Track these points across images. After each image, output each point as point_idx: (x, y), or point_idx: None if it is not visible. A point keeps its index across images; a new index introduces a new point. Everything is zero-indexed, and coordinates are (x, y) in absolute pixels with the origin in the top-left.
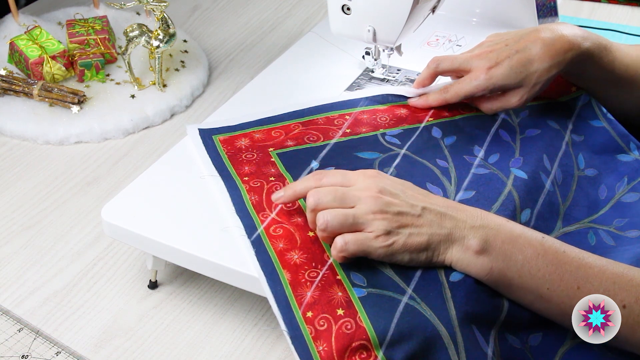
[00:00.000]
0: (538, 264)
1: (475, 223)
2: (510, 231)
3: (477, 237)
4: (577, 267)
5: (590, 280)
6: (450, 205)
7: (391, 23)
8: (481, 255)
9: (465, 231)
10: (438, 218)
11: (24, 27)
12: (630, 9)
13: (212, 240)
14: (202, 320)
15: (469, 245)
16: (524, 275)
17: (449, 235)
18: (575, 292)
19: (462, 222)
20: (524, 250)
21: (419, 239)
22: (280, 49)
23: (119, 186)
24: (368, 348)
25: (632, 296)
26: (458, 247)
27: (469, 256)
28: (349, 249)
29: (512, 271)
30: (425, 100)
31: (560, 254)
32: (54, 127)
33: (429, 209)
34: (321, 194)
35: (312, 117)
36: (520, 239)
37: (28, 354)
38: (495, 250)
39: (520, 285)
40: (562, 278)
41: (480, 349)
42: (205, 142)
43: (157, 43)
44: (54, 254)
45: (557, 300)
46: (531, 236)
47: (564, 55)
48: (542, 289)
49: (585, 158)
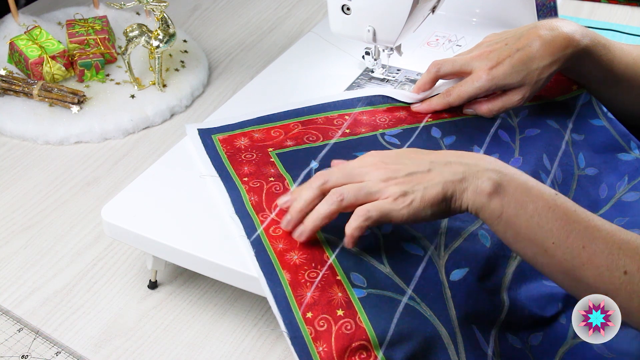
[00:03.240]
0: (548, 216)
1: (488, 166)
2: (524, 181)
3: (490, 180)
4: (586, 227)
5: (596, 242)
6: (459, 154)
7: (391, 23)
8: (494, 197)
9: (479, 174)
10: (448, 167)
11: (23, 27)
12: (630, 9)
13: (212, 240)
14: (202, 320)
15: (482, 187)
16: (532, 225)
17: (463, 179)
18: (580, 250)
19: (474, 166)
20: (535, 201)
21: (435, 190)
22: (280, 49)
23: (119, 186)
24: (368, 348)
25: (635, 264)
26: (472, 191)
27: (482, 199)
28: (372, 216)
29: (522, 219)
30: (429, 105)
31: (570, 212)
32: (53, 127)
33: (436, 161)
34: (328, 172)
35: (312, 117)
36: (534, 190)
37: (28, 354)
38: (508, 195)
39: (526, 236)
40: (569, 235)
41: (480, 349)
42: (204, 142)
43: (157, 43)
44: (54, 254)
45: (560, 256)
46: (545, 190)
47: (563, 52)
48: (547, 243)
49: (586, 157)
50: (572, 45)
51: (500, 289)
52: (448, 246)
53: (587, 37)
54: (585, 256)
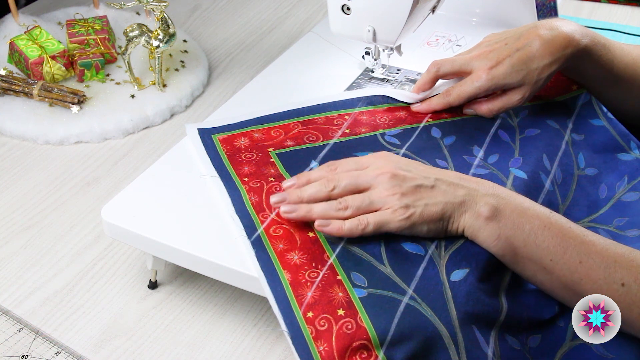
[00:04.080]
0: (544, 235)
1: (487, 192)
2: (520, 203)
3: (488, 204)
4: (581, 242)
5: (592, 256)
6: (461, 176)
7: (391, 23)
8: (491, 221)
9: (477, 198)
10: (451, 188)
11: (24, 27)
12: (630, 9)
13: (212, 240)
14: (202, 320)
15: (480, 212)
16: (529, 244)
17: (462, 203)
18: (577, 266)
19: (474, 191)
20: (531, 221)
21: (435, 209)
22: (280, 49)
23: (119, 186)
24: (369, 348)
25: (632, 275)
26: (470, 214)
27: (480, 222)
28: (370, 228)
29: (519, 240)
30: (429, 105)
31: (565, 229)
32: (54, 127)
33: (441, 179)
34: (337, 178)
35: (312, 117)
36: (529, 211)
37: (28, 354)
38: (505, 218)
39: (525, 255)
40: (566, 251)
41: (480, 350)
42: (204, 142)
43: (157, 43)
44: (54, 254)
45: (559, 272)
46: (539, 210)
47: (563, 51)
48: (545, 260)
49: (586, 157)
50: (572, 45)
51: (499, 291)
52: (449, 246)
53: (586, 36)
54: (582, 271)
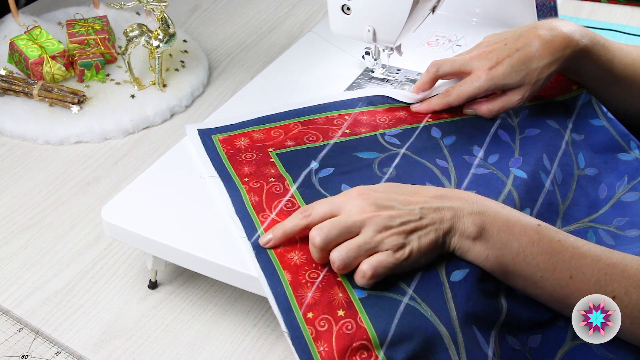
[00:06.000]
0: (533, 251)
1: (472, 209)
2: (506, 219)
3: (474, 224)
4: (571, 256)
5: (582, 271)
6: (441, 194)
7: (391, 23)
8: (478, 241)
9: (464, 219)
10: (437, 214)
11: (24, 27)
12: (630, 9)
13: (212, 240)
14: (202, 320)
15: (468, 232)
16: (518, 262)
17: (450, 227)
18: (567, 281)
19: (460, 210)
20: (519, 238)
21: (428, 239)
22: (280, 49)
23: (119, 186)
24: (369, 348)
25: (622, 288)
26: (458, 236)
27: (468, 243)
28: (378, 273)
29: (508, 258)
30: (428, 105)
31: (554, 243)
32: (54, 127)
33: (425, 207)
34: (325, 231)
35: (312, 117)
36: (517, 227)
37: (28, 354)
38: (492, 237)
39: (515, 272)
40: (556, 267)
41: (480, 350)
42: (204, 142)
43: (157, 43)
44: (54, 254)
45: (550, 288)
46: (527, 223)
47: (562, 52)
48: (536, 277)
49: (586, 157)
50: (572, 45)
51: (499, 291)
52: None
53: (586, 37)
54: (573, 285)
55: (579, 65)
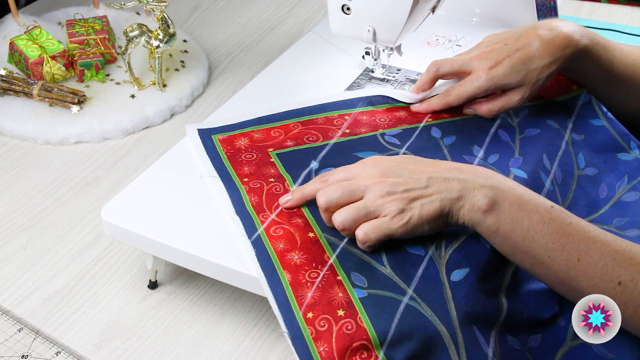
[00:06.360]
0: (543, 231)
1: (484, 182)
2: (519, 196)
3: (485, 197)
4: (580, 239)
5: (590, 254)
6: (455, 167)
7: (391, 23)
8: (489, 214)
9: (475, 191)
10: (445, 183)
11: (24, 27)
12: (630, 9)
13: (212, 240)
14: (202, 320)
15: (478, 205)
16: (527, 240)
17: (459, 197)
18: (575, 263)
19: (471, 182)
20: (531, 216)
21: (432, 207)
22: (280, 49)
23: (119, 186)
24: (369, 348)
25: (629, 274)
26: (468, 207)
27: (478, 215)
28: (370, 239)
29: (518, 234)
30: (428, 105)
31: (565, 225)
32: (54, 127)
33: (434, 177)
34: (329, 192)
35: (312, 117)
36: (529, 205)
37: (28, 354)
38: (504, 211)
39: (523, 249)
40: (564, 248)
41: (480, 350)
42: (204, 142)
43: (157, 43)
44: (54, 254)
45: (556, 268)
46: (540, 203)
47: (562, 52)
48: (543, 256)
49: (586, 157)
50: (572, 45)
51: (499, 291)
52: (449, 246)
53: (586, 37)
54: (580, 268)
55: (579, 65)
